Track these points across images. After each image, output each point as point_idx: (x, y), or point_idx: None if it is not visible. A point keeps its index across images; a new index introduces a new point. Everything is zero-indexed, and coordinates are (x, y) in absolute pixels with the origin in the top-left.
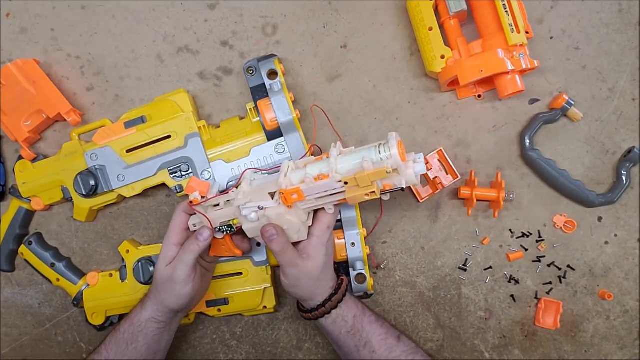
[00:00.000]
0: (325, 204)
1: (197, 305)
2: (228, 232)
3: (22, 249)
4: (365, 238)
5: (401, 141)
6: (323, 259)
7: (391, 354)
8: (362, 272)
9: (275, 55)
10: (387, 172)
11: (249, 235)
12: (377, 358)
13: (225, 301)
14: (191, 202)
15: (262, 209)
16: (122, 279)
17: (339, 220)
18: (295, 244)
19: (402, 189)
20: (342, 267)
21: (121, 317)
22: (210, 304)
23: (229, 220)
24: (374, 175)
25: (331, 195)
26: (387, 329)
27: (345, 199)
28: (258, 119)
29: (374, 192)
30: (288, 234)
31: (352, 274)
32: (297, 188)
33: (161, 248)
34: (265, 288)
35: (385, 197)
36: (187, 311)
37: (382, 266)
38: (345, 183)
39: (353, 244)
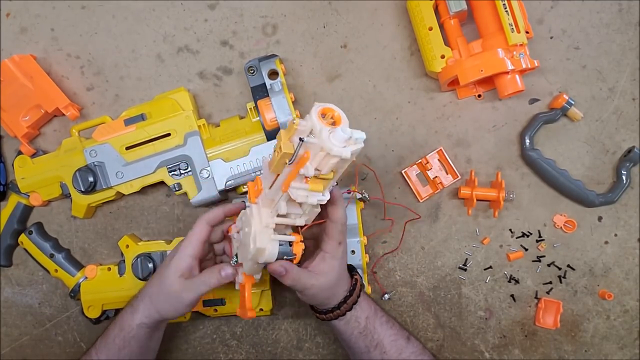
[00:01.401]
0: (274, 196)
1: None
2: (236, 262)
3: (22, 238)
4: (365, 246)
5: (330, 108)
6: (337, 272)
7: (401, 355)
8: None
9: (276, 55)
10: (293, 123)
11: (240, 259)
12: (387, 359)
13: (222, 301)
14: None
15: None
16: (120, 273)
17: None
18: (308, 261)
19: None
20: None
21: (117, 311)
22: (207, 303)
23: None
24: (286, 132)
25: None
26: (397, 330)
27: (283, 185)
28: (258, 118)
29: (280, 147)
30: (245, 240)
31: None
32: (258, 178)
33: (172, 253)
34: (262, 291)
35: (306, 171)
36: None
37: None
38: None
39: (353, 251)
